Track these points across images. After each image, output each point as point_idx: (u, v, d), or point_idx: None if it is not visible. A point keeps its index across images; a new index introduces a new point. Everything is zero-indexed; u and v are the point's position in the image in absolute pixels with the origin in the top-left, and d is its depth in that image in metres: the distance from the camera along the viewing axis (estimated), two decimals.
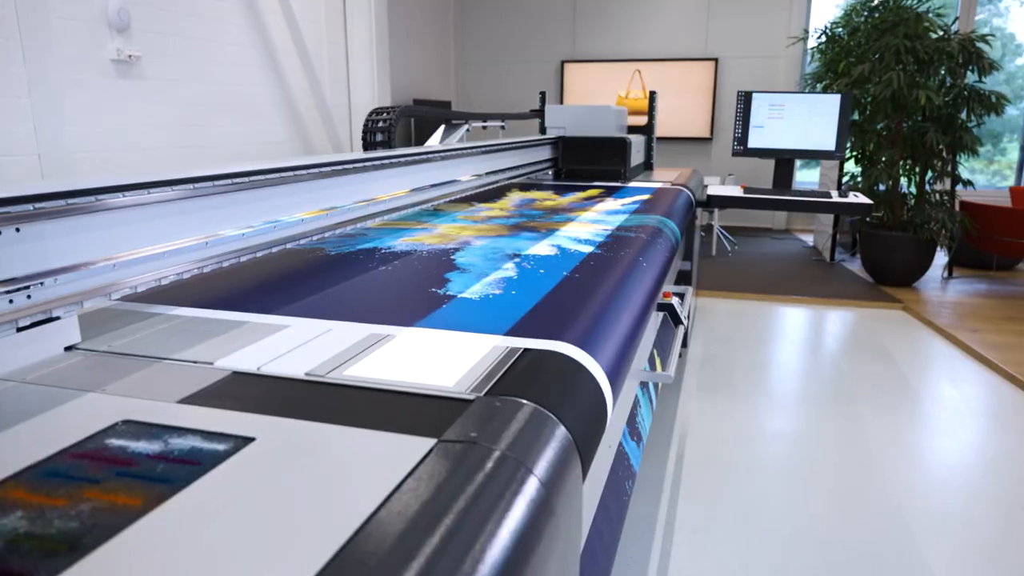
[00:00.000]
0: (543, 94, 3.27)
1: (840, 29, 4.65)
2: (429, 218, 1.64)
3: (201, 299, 0.92)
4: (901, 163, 4.26)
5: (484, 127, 2.35)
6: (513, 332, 0.80)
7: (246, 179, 0.99)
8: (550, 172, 2.68)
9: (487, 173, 1.97)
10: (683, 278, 2.68)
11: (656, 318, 1.71)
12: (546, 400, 0.63)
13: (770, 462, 2.13)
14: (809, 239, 6.15)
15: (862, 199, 2.62)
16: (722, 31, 6.46)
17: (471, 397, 0.62)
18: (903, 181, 4.35)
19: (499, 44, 7.02)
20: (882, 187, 4.34)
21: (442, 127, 2.04)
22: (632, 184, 2.47)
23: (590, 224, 1.61)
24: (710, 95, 6.54)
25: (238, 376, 0.67)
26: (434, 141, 1.99)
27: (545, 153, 2.61)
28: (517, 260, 1.19)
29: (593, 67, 6.76)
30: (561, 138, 2.66)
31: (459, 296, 0.95)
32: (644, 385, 1.62)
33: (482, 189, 2.05)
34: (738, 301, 4.04)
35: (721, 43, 6.49)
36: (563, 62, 6.83)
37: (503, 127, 2.48)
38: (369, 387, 0.64)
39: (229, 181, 0.95)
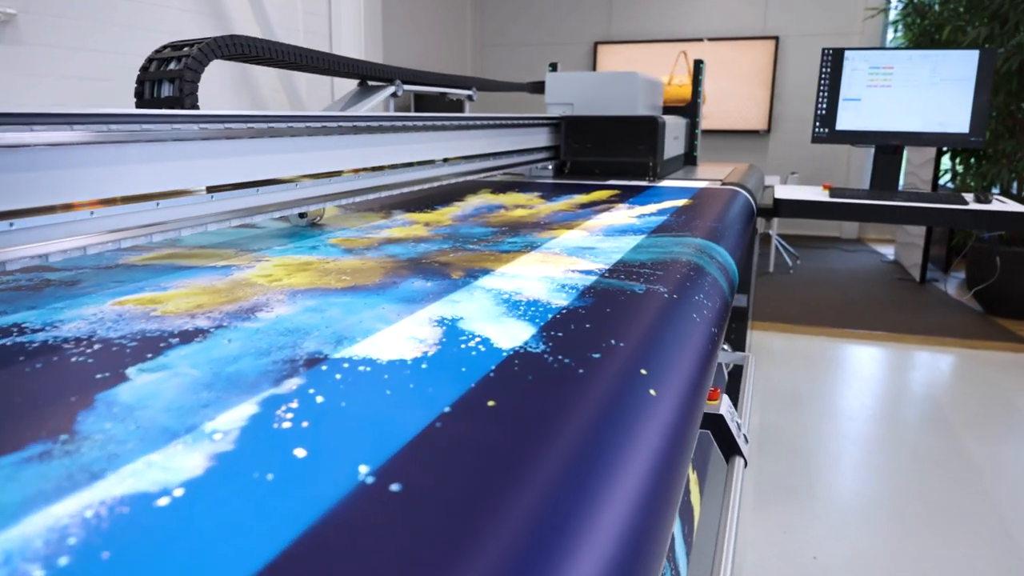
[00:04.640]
0: (553, 65, 2.49)
1: None
2: (281, 240, 0.88)
3: None
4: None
5: (445, 97, 1.59)
6: None
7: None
8: (550, 167, 1.91)
9: (416, 164, 1.20)
10: (736, 319, 1.86)
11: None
12: None
13: None
14: (888, 252, 5.18)
15: (1013, 206, 1.77)
16: (784, 5, 5.53)
17: None
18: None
19: (525, 25, 6.24)
20: (995, 188, 3.40)
21: (355, 88, 1.29)
22: (663, 183, 1.67)
23: (564, 258, 0.83)
24: (768, 80, 5.62)
25: None
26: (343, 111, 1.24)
27: (540, 139, 1.83)
28: (293, 389, 0.42)
29: (631, 49, 5.92)
30: (564, 118, 1.88)
31: None
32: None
33: (423, 189, 1.28)
34: (804, 337, 3.17)
35: (783, 19, 5.55)
36: (596, 43, 6.00)
37: (471, 98, 1.71)
38: None
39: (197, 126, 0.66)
